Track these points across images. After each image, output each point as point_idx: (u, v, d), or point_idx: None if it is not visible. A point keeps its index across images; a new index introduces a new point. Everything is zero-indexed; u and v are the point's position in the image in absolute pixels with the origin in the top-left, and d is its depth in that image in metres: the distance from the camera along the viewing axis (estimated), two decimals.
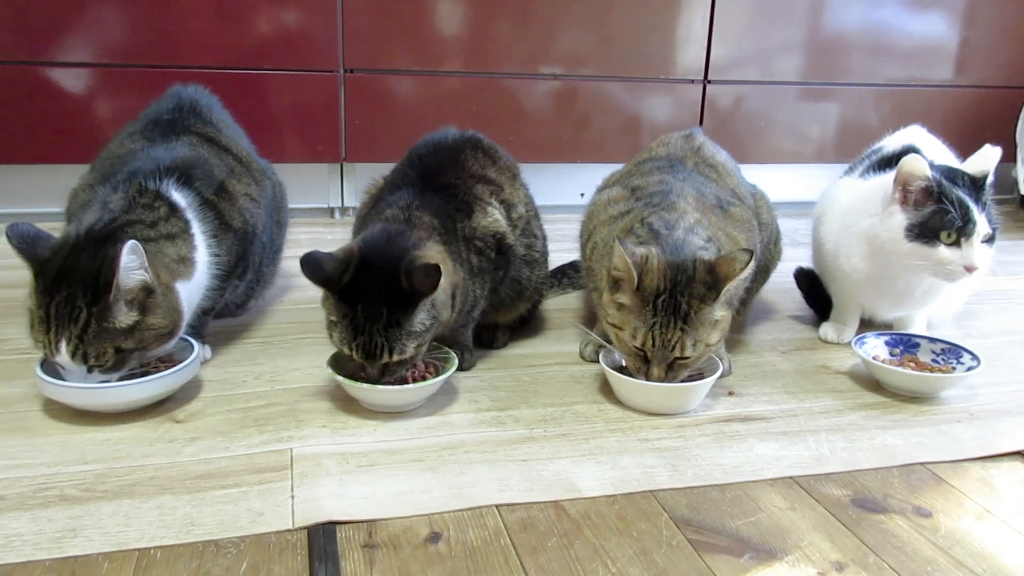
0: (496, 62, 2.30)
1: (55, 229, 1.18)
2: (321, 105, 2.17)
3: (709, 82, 2.45)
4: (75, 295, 1.03)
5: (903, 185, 1.27)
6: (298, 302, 1.60)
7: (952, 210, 1.23)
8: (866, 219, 1.34)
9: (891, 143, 1.55)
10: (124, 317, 1.05)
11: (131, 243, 1.03)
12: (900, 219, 1.27)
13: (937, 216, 1.24)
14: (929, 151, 1.46)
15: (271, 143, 2.00)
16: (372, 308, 1.07)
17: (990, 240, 1.26)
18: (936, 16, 2.61)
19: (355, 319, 1.07)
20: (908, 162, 1.26)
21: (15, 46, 1.98)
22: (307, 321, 1.49)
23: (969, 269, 1.25)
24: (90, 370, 1.05)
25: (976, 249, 1.24)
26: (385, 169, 1.40)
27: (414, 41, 2.22)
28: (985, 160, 1.31)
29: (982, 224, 1.23)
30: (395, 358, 1.09)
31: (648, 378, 1.14)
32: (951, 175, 1.28)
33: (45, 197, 2.12)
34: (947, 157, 1.50)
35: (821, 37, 2.54)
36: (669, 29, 2.40)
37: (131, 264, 1.04)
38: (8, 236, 1.06)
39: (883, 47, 2.58)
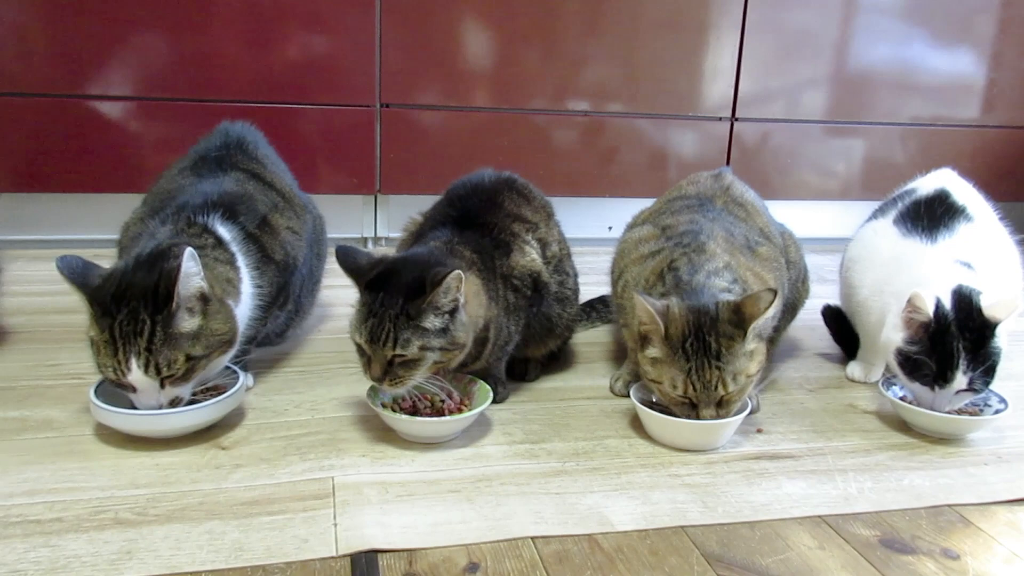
0: (526, 98, 2.36)
1: (98, 256, 1.24)
2: (358, 138, 2.23)
3: (737, 119, 2.49)
4: (136, 310, 1.07)
5: (909, 310, 1.25)
6: (335, 331, 1.65)
7: (930, 363, 1.22)
8: (894, 302, 1.31)
9: (923, 185, 1.53)
10: (187, 323, 1.09)
11: (189, 250, 1.08)
12: (897, 336, 1.27)
13: (919, 357, 1.23)
14: (960, 195, 1.47)
15: (309, 175, 2.07)
16: (390, 297, 1.11)
17: (974, 390, 1.23)
18: (962, 56, 2.64)
19: (372, 305, 1.12)
20: (916, 297, 1.23)
21: (62, 80, 2.06)
22: (344, 351, 1.52)
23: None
24: (163, 384, 1.09)
25: (945, 399, 1.23)
26: (417, 201, 1.45)
27: (447, 77, 2.29)
28: (1006, 308, 1.22)
29: (959, 381, 1.21)
30: (398, 350, 1.10)
31: (700, 419, 1.17)
32: (959, 314, 1.22)
33: (90, 224, 2.20)
34: (978, 201, 1.50)
35: (848, 75, 2.57)
36: (697, 67, 2.45)
37: (191, 270, 1.08)
38: (59, 268, 1.11)
39: (909, 85, 2.62)
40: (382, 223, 2.40)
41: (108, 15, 2.03)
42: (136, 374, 1.07)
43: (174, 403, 1.13)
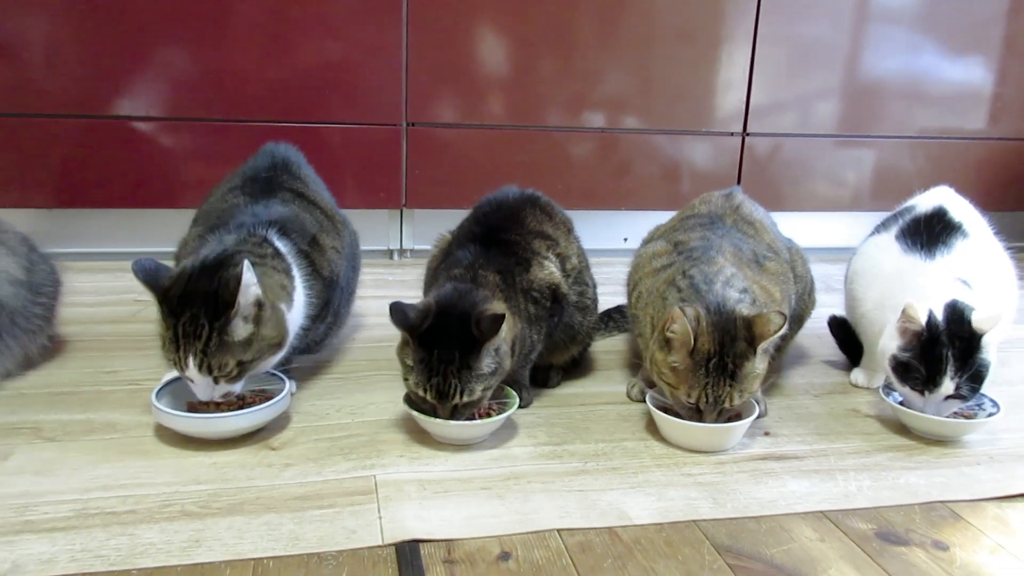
0: (544, 116, 2.47)
1: (117, 269, 1.33)
2: (385, 155, 2.35)
3: (748, 134, 2.59)
4: (198, 314, 1.18)
5: (903, 320, 1.34)
6: (368, 340, 1.75)
7: (920, 369, 1.31)
8: (892, 316, 1.39)
9: (922, 203, 1.61)
10: (242, 330, 1.20)
11: (247, 262, 1.19)
12: (893, 344, 1.35)
13: (911, 363, 1.32)
14: (957, 213, 1.56)
15: (339, 190, 2.15)
16: (446, 352, 1.21)
17: (961, 397, 1.31)
18: (969, 69, 2.72)
19: (431, 362, 1.21)
20: (909, 307, 1.31)
21: (99, 102, 2.18)
22: (377, 359, 1.64)
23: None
24: (216, 381, 1.21)
25: (935, 404, 1.32)
26: (440, 214, 1.55)
27: (468, 97, 2.40)
28: (989, 321, 1.31)
29: (946, 387, 1.30)
30: (464, 399, 1.22)
31: (702, 422, 1.27)
32: (950, 325, 1.31)
33: (129, 238, 2.33)
34: (974, 218, 1.59)
35: (856, 90, 2.66)
36: (710, 84, 2.55)
37: (249, 281, 1.19)
38: (134, 271, 1.22)
39: (917, 98, 2.70)
40: (407, 236, 2.51)
41: (143, 39, 2.15)
42: (192, 371, 1.19)
43: (226, 396, 1.25)
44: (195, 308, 1.18)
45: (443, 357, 1.21)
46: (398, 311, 1.23)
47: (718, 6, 2.49)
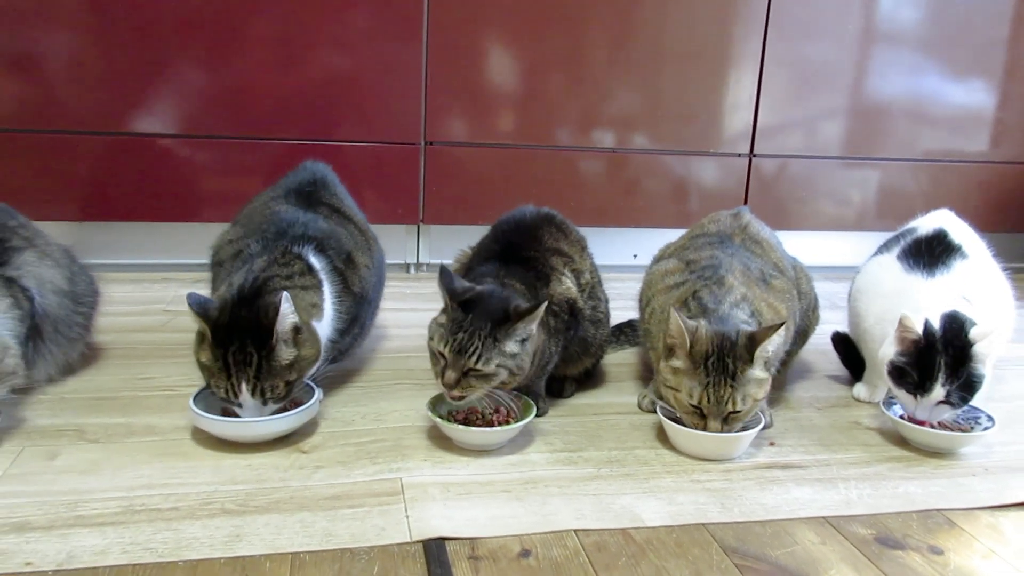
0: (556, 136, 2.55)
1: (167, 279, 1.41)
2: (404, 173, 2.43)
3: (755, 155, 2.66)
4: (246, 344, 1.26)
5: (901, 330, 1.41)
6: (390, 351, 1.83)
7: (912, 373, 1.38)
8: (892, 330, 1.45)
9: (923, 225, 1.68)
10: (286, 353, 1.29)
11: (284, 294, 1.28)
12: (891, 351, 1.43)
13: (906, 368, 1.39)
14: (957, 234, 1.63)
15: (359, 205, 2.26)
16: (480, 319, 1.29)
17: (951, 404, 1.38)
18: (972, 94, 2.79)
19: (463, 323, 1.29)
20: (905, 318, 1.39)
21: (122, 118, 2.26)
22: (399, 368, 1.71)
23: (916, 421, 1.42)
24: (265, 403, 1.28)
25: (926, 408, 1.39)
26: (456, 230, 1.62)
27: (484, 117, 2.49)
28: (980, 332, 1.38)
29: (937, 392, 1.37)
30: (478, 366, 1.28)
31: (706, 431, 1.33)
32: (946, 334, 1.38)
33: (154, 250, 2.41)
34: (973, 239, 1.66)
35: (861, 112, 2.74)
36: (717, 106, 2.63)
37: (287, 311, 1.28)
38: (189, 304, 1.29)
39: (922, 120, 2.78)
40: (424, 250, 2.59)
41: (168, 60, 2.25)
42: (245, 395, 1.27)
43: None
44: (242, 339, 1.26)
45: (475, 322, 1.28)
46: (447, 276, 1.32)
47: (726, 29, 2.58)
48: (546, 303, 1.30)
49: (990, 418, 1.44)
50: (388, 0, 2.31)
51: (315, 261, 1.43)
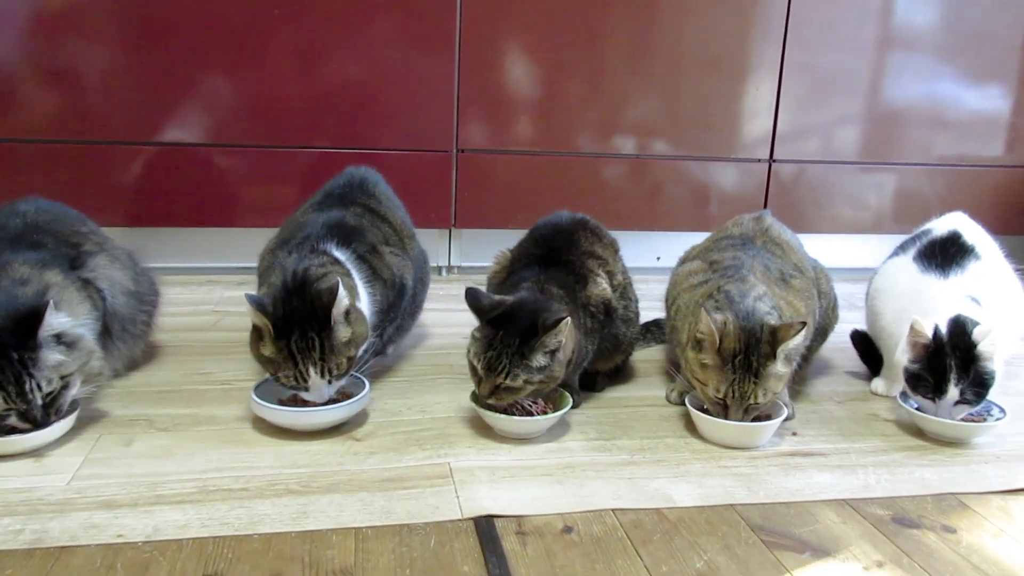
0: (582, 143, 2.65)
1: (211, 282, 1.49)
2: (437, 179, 2.54)
3: (774, 161, 2.75)
4: (306, 330, 1.36)
5: (912, 335, 1.49)
6: (429, 348, 1.93)
7: (928, 378, 1.47)
8: (907, 329, 1.52)
9: (938, 227, 1.76)
10: (343, 333, 1.40)
11: (338, 279, 1.39)
12: (904, 358, 1.51)
13: (920, 374, 1.48)
14: (971, 236, 1.71)
15: None
16: (508, 336, 1.37)
17: (967, 402, 1.46)
18: (986, 101, 2.86)
19: (493, 340, 1.38)
20: (916, 323, 1.47)
21: (166, 128, 2.38)
22: (439, 364, 1.82)
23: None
24: (330, 381, 1.39)
25: (944, 408, 1.47)
26: (486, 234, 1.71)
27: (513, 126, 2.59)
28: (981, 332, 1.45)
29: (952, 393, 1.45)
30: (507, 382, 1.37)
31: (728, 420, 1.42)
32: (953, 338, 1.46)
33: (197, 254, 2.53)
34: (987, 241, 1.73)
35: (878, 120, 2.82)
36: (738, 112, 2.72)
37: (342, 294, 1.38)
38: (250, 303, 1.38)
39: (937, 126, 2.85)
40: (455, 254, 2.69)
41: (206, 73, 2.37)
42: (314, 378, 1.37)
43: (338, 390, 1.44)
44: (302, 327, 1.36)
45: (504, 339, 1.37)
46: (473, 295, 1.41)
47: (745, 38, 2.67)
48: (569, 319, 1.37)
49: (1002, 410, 1.53)
50: (423, 15, 2.42)
51: (338, 254, 1.55)
